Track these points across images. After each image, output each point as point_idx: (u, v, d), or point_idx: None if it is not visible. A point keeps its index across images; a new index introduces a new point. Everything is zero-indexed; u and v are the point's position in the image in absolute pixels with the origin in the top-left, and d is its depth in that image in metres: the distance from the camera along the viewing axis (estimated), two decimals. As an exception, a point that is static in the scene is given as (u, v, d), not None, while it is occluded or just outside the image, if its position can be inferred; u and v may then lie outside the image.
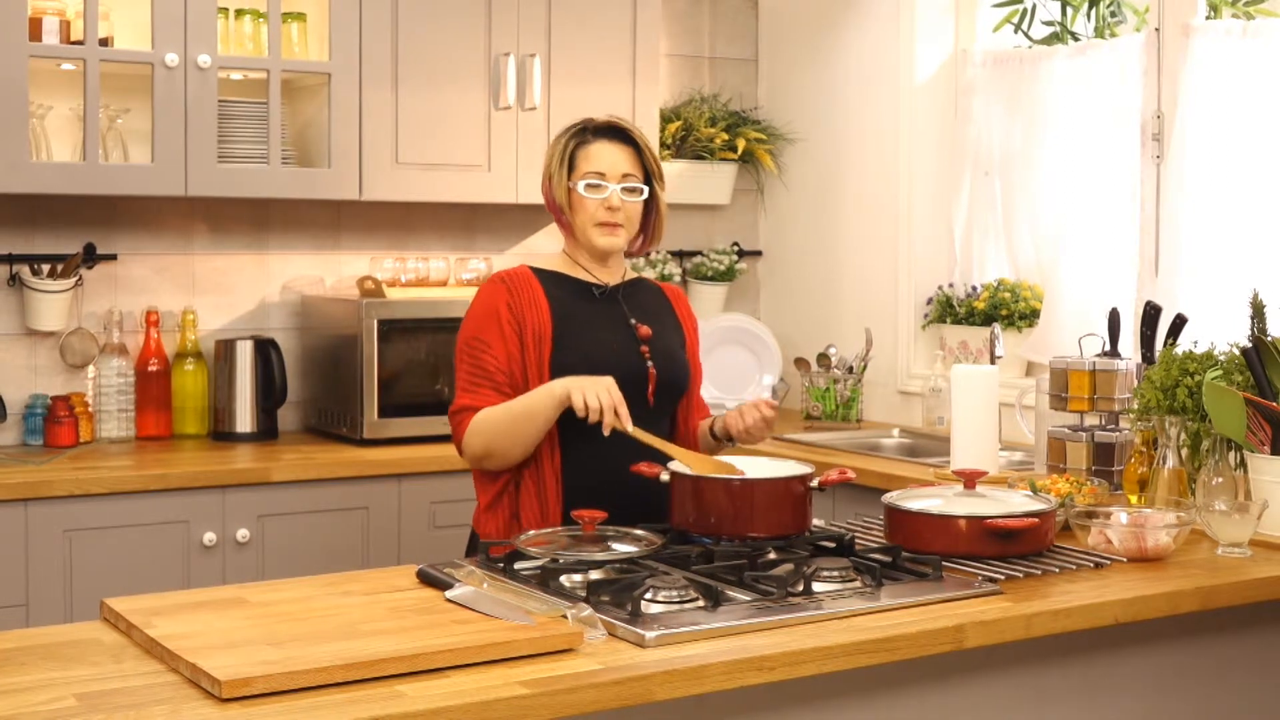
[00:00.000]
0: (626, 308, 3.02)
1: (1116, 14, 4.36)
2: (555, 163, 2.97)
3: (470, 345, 2.91)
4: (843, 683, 2.26)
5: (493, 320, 2.90)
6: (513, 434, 2.83)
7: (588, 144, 2.96)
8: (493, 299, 2.92)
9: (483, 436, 2.85)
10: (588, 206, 2.94)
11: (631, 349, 2.96)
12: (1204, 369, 3.05)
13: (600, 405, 2.74)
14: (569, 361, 2.89)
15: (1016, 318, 4.41)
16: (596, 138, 2.96)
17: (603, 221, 2.94)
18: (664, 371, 2.97)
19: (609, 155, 2.95)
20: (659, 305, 3.11)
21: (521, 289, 2.92)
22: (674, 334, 3.08)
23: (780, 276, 5.23)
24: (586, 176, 2.93)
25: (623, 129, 2.98)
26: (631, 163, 2.96)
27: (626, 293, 3.05)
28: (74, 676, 2.00)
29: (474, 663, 2.04)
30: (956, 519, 2.63)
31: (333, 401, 4.28)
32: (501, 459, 2.87)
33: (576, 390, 2.76)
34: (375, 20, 4.16)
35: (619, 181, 2.94)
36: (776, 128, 5.15)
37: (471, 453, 2.88)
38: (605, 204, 2.93)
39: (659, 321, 3.05)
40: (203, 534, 3.75)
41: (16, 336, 4.12)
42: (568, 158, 2.96)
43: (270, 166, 4.05)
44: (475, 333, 2.91)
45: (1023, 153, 4.47)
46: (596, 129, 2.97)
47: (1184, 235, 3.95)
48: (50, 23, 3.86)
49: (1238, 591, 2.57)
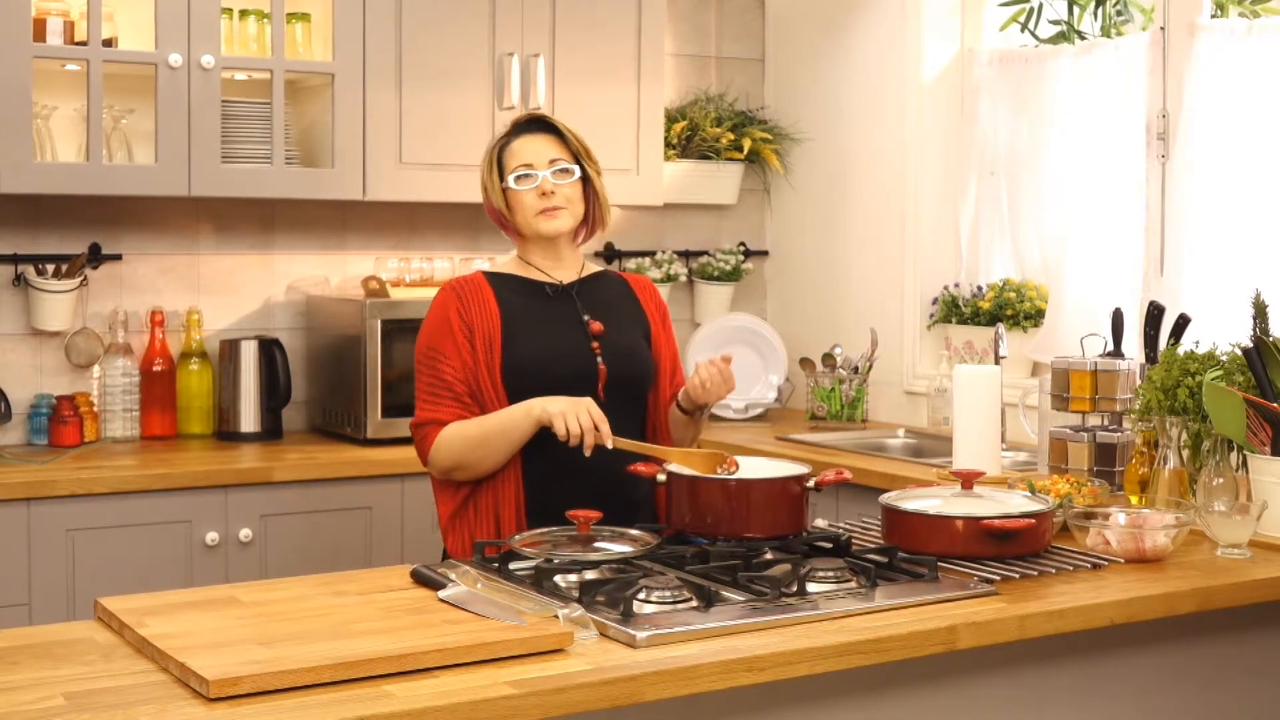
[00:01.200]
0: (580, 304, 3.00)
1: (1123, 13, 4.35)
2: (486, 173, 3.00)
3: (427, 356, 2.92)
4: (835, 683, 2.26)
5: (445, 330, 2.91)
6: (484, 450, 2.85)
7: (511, 142, 2.98)
8: (444, 309, 2.93)
9: (452, 451, 2.85)
10: (524, 199, 2.95)
11: (582, 346, 2.95)
12: (1205, 369, 3.04)
13: (581, 429, 2.75)
14: (518, 363, 2.89)
15: (1022, 318, 4.39)
16: (517, 134, 2.99)
17: (542, 209, 2.94)
18: (616, 367, 2.94)
19: (532, 146, 2.96)
20: (619, 298, 3.09)
21: (471, 295, 2.93)
22: (633, 326, 3.06)
23: (787, 276, 5.22)
24: (516, 170, 2.95)
25: (541, 118, 3.02)
26: (557, 148, 2.97)
27: (583, 289, 3.03)
28: (64, 676, 2.00)
29: (463, 663, 2.04)
30: (953, 520, 2.62)
31: (337, 402, 4.28)
32: (470, 472, 2.88)
33: (558, 417, 2.76)
34: (379, 20, 4.16)
35: (547, 167, 2.95)
36: (783, 128, 5.14)
37: (439, 466, 2.88)
38: (539, 190, 2.94)
39: (617, 315, 3.04)
40: (205, 534, 3.75)
41: (22, 336, 4.13)
42: (495, 163, 2.98)
43: (274, 166, 4.06)
44: (430, 344, 2.92)
45: (1029, 152, 4.45)
46: (517, 126, 3.01)
47: (1189, 235, 3.94)
48: (54, 23, 3.86)
49: (1236, 593, 2.56)
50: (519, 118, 3.03)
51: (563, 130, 3.00)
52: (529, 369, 2.88)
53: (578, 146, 2.99)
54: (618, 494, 2.80)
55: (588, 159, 3.00)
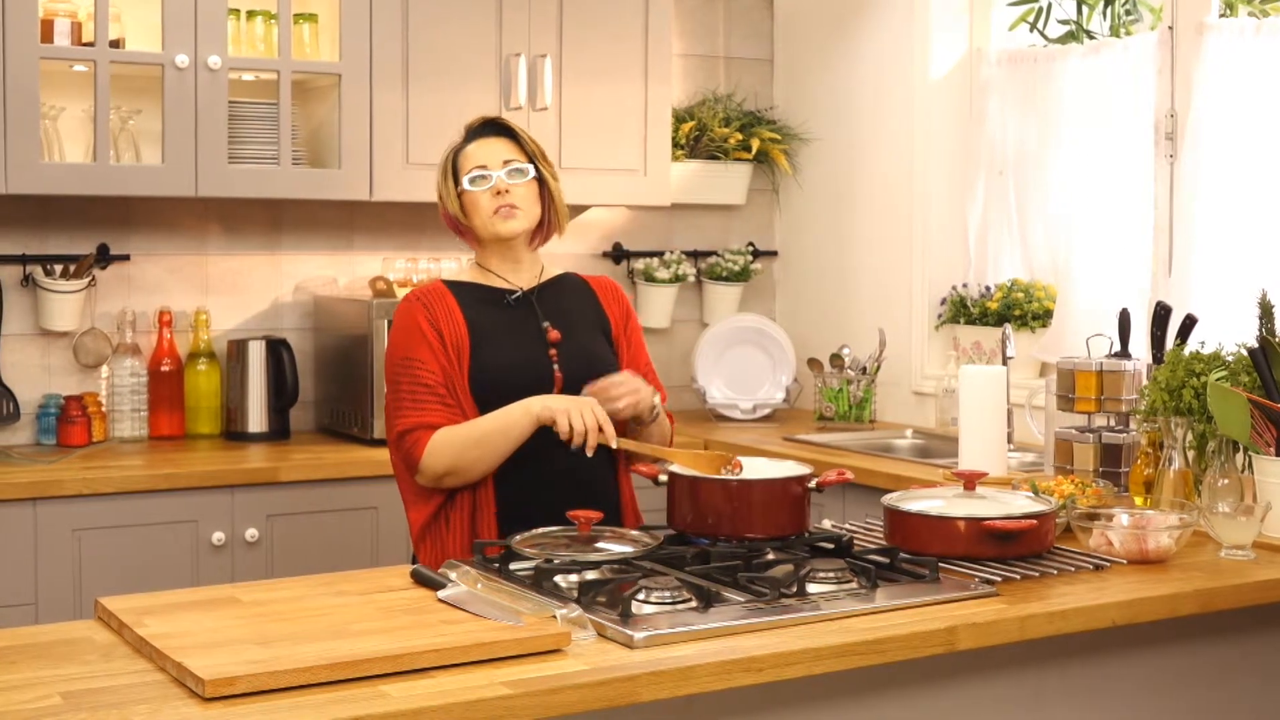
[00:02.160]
0: (540, 311, 2.99)
1: (1132, 12, 4.34)
2: (441, 179, 2.98)
3: (404, 365, 2.88)
4: (835, 684, 2.26)
5: (418, 337, 2.88)
6: (480, 451, 2.82)
7: (465, 147, 2.97)
8: (412, 317, 2.91)
9: (447, 455, 2.82)
10: (479, 201, 2.93)
11: (540, 354, 2.94)
12: (1210, 370, 3.03)
13: (585, 428, 2.74)
14: (483, 374, 2.88)
15: (1029, 318, 4.38)
16: (471, 139, 2.98)
17: (497, 208, 2.92)
18: (573, 374, 2.92)
19: (486, 149, 2.95)
20: (578, 301, 3.07)
21: (436, 304, 2.92)
22: (592, 330, 3.04)
23: (796, 277, 5.22)
24: (470, 173, 2.93)
25: (495, 121, 3.00)
26: (511, 150, 2.96)
27: (542, 294, 3.01)
28: (62, 675, 2.01)
29: (459, 663, 2.03)
30: (955, 520, 2.61)
31: (345, 402, 4.29)
32: (463, 477, 2.85)
33: (561, 414, 2.76)
34: (386, 21, 4.16)
35: (501, 167, 2.93)
36: (791, 127, 5.13)
37: (432, 472, 2.84)
38: (494, 190, 2.92)
39: (576, 319, 3.02)
40: (211, 533, 3.76)
41: (30, 337, 4.15)
42: (450, 168, 2.97)
43: (281, 167, 4.06)
44: (405, 353, 2.89)
45: (1037, 152, 4.44)
46: (470, 131, 2.99)
47: (1197, 235, 3.92)
48: (61, 24, 3.87)
49: (1238, 594, 2.55)
50: (472, 122, 3.02)
51: (517, 132, 2.99)
52: (493, 379, 2.87)
53: (533, 149, 2.98)
54: (593, 503, 2.77)
55: (543, 161, 2.99)
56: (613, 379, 2.89)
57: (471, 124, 3.02)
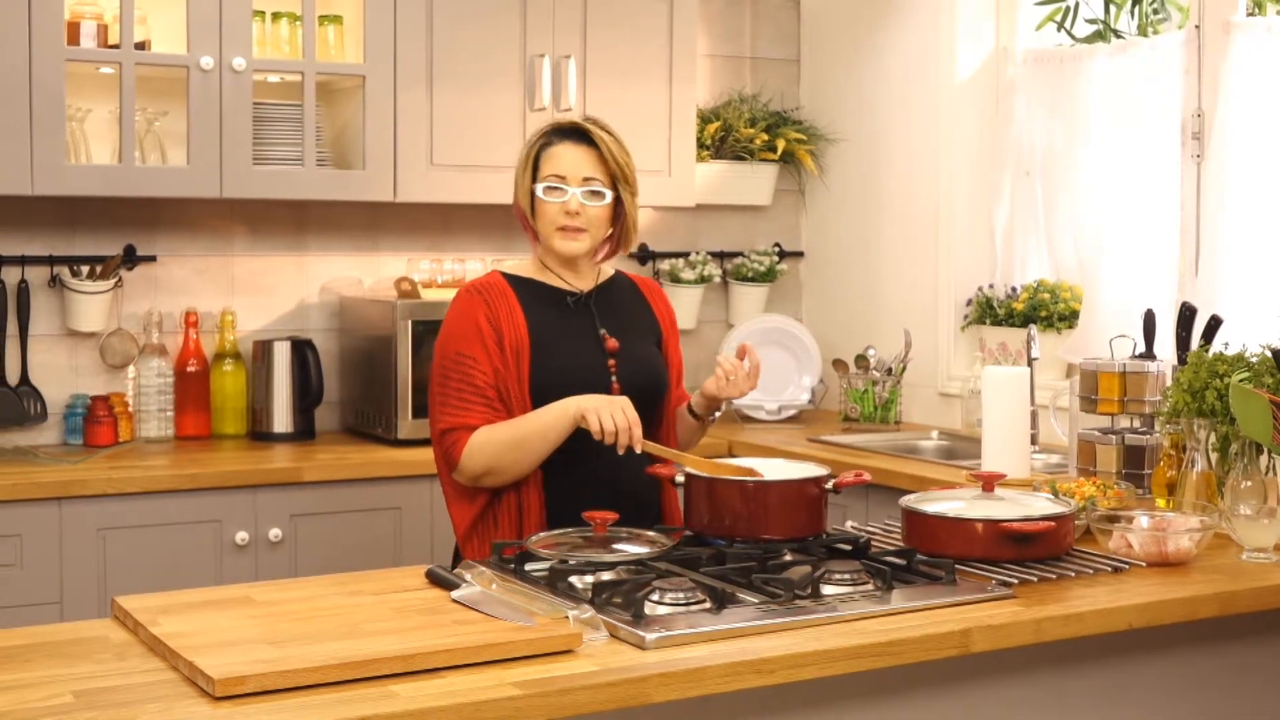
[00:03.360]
0: (597, 316, 2.97)
1: (1160, 11, 4.31)
2: (521, 167, 2.93)
3: (456, 361, 2.85)
4: (848, 686, 2.24)
5: (474, 334, 2.85)
6: (519, 452, 2.81)
7: (551, 146, 2.91)
8: (471, 312, 2.87)
9: (486, 456, 2.80)
10: (548, 211, 2.89)
11: (599, 362, 2.92)
12: (1234, 371, 3.00)
13: (616, 427, 2.71)
14: (544, 376, 2.87)
15: (1056, 319, 4.36)
16: (561, 140, 2.91)
17: (563, 226, 2.88)
18: (630, 381, 2.92)
19: (570, 157, 2.89)
20: (633, 306, 3.06)
21: (497, 300, 2.89)
22: (647, 336, 3.04)
23: (822, 277, 5.20)
24: (547, 179, 2.88)
25: (587, 130, 2.91)
26: (594, 165, 2.89)
27: (599, 299, 3.00)
28: (75, 674, 2.02)
29: (470, 663, 2.04)
30: (973, 522, 2.60)
31: (369, 402, 4.30)
32: (501, 477, 2.84)
33: (592, 413, 2.73)
34: (410, 22, 4.17)
35: (580, 185, 2.87)
36: (817, 128, 5.12)
37: (470, 472, 2.83)
38: (564, 208, 2.87)
39: (631, 325, 3.01)
40: (235, 533, 3.78)
41: (57, 337, 4.17)
42: (532, 161, 2.92)
43: (305, 168, 4.08)
44: (458, 348, 2.85)
45: (1064, 153, 4.41)
46: (561, 130, 2.92)
47: (1224, 236, 3.89)
48: (88, 27, 3.90)
49: (1258, 598, 2.53)
50: (565, 121, 2.94)
51: (604, 148, 2.89)
52: (555, 382, 2.85)
53: (616, 168, 2.89)
54: (635, 507, 2.76)
55: (624, 182, 2.91)
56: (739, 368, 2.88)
57: (564, 123, 2.94)
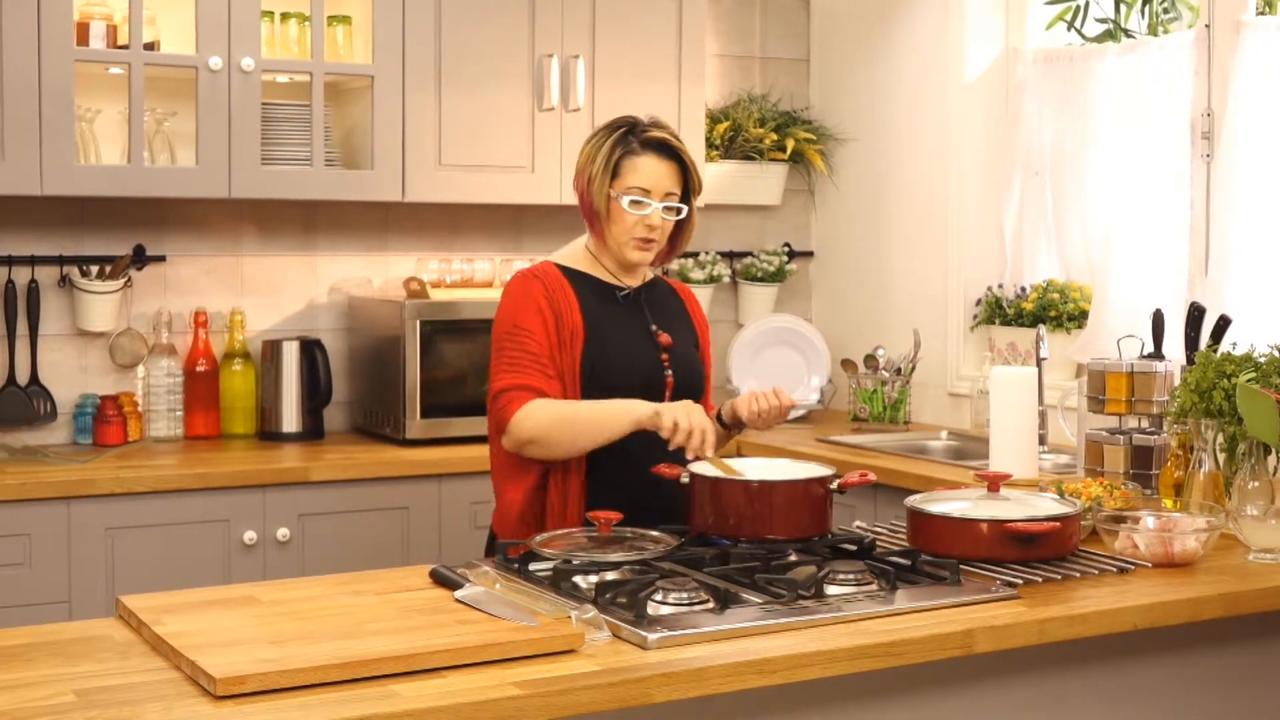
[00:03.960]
0: (649, 313, 3.01)
1: (1170, 10, 4.30)
2: (599, 167, 2.91)
3: (511, 333, 2.87)
4: (851, 687, 2.24)
5: (533, 309, 2.87)
6: (569, 432, 2.80)
7: (635, 155, 2.91)
8: (530, 290, 2.90)
9: (536, 425, 2.79)
10: (627, 221, 2.91)
11: (652, 356, 2.96)
12: (1241, 371, 2.99)
13: (691, 429, 2.70)
14: (598, 364, 2.89)
15: (1065, 319, 4.35)
16: (645, 151, 2.91)
17: (638, 238, 2.92)
18: (681, 379, 2.96)
19: (655, 171, 2.90)
20: (675, 308, 3.10)
21: (554, 286, 2.91)
22: (690, 337, 3.08)
23: (832, 277, 5.20)
24: (630, 191, 2.89)
25: (673, 146, 2.93)
26: (675, 180, 2.93)
27: (647, 296, 3.04)
28: (78, 673, 2.02)
29: (472, 663, 2.04)
30: (978, 523, 2.59)
31: (377, 402, 4.30)
32: (546, 450, 2.82)
33: (668, 412, 2.72)
34: (418, 22, 4.17)
35: (661, 200, 2.91)
36: (827, 128, 5.11)
37: (517, 436, 2.82)
38: (645, 221, 2.91)
39: (676, 325, 3.05)
40: (243, 533, 3.78)
41: (67, 337, 4.18)
42: (612, 165, 2.91)
43: (313, 168, 4.08)
44: (515, 320, 2.88)
45: (1074, 152, 4.40)
46: (645, 141, 2.92)
47: (1234, 235, 3.88)
48: (97, 27, 3.90)
49: (1264, 598, 2.52)
50: (653, 134, 2.92)
51: (688, 164, 2.94)
52: (611, 372, 2.88)
53: (694, 183, 2.95)
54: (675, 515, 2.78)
55: (696, 194, 2.97)
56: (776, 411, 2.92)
57: (652, 135, 2.92)
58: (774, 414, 2.92)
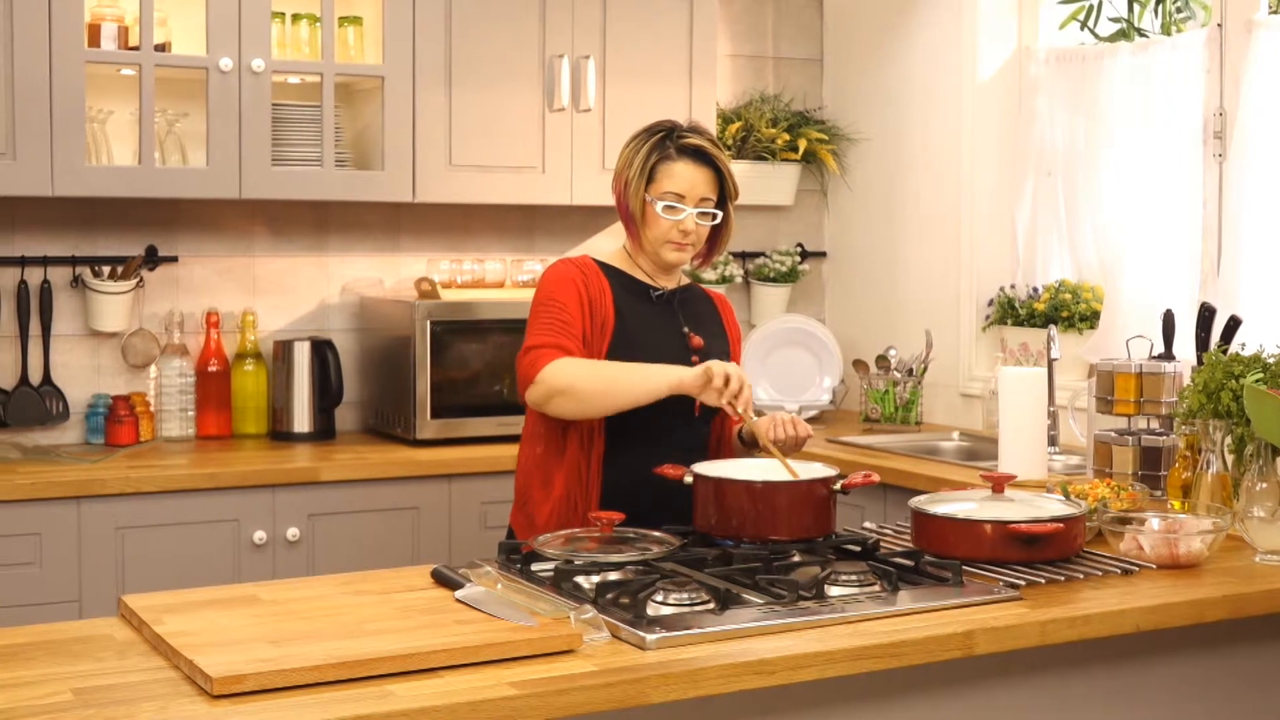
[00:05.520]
0: (681, 316, 3.03)
1: (1183, 10, 4.28)
2: (635, 171, 2.94)
3: (546, 303, 2.91)
4: (850, 688, 2.24)
5: (570, 288, 2.91)
6: (605, 385, 2.82)
7: (670, 161, 2.93)
8: (569, 275, 2.94)
9: (568, 376, 2.81)
10: (662, 225, 2.94)
11: (683, 358, 2.97)
12: (1249, 372, 2.97)
13: (741, 385, 2.74)
14: (625, 357, 2.91)
15: (1077, 319, 4.33)
16: (680, 156, 2.93)
17: (673, 242, 2.94)
18: None
19: (690, 177, 2.93)
20: (709, 314, 3.12)
21: (591, 278, 2.96)
22: (721, 344, 3.10)
23: (845, 278, 5.19)
24: (665, 197, 2.92)
25: (708, 152, 2.95)
26: (710, 186, 2.95)
27: (681, 300, 3.06)
28: (76, 672, 2.03)
29: (469, 663, 2.04)
30: (981, 524, 2.58)
31: (389, 402, 4.31)
32: (576, 405, 2.83)
33: (718, 367, 2.75)
34: (429, 23, 4.18)
35: (696, 205, 2.93)
36: (839, 128, 5.10)
37: (546, 385, 2.82)
38: (680, 226, 2.93)
39: (709, 332, 3.07)
40: (253, 532, 3.79)
41: (79, 337, 4.20)
42: (648, 170, 2.94)
43: (324, 169, 4.09)
44: (552, 294, 2.92)
45: (1086, 152, 4.39)
46: (681, 147, 2.94)
47: (1246, 235, 3.86)
48: (108, 29, 3.92)
49: (1270, 600, 2.51)
50: (689, 140, 2.95)
51: (723, 170, 2.96)
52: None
53: (729, 188, 2.97)
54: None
55: (733, 198, 2.99)
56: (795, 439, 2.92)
57: (688, 141, 2.94)
58: (790, 444, 2.93)
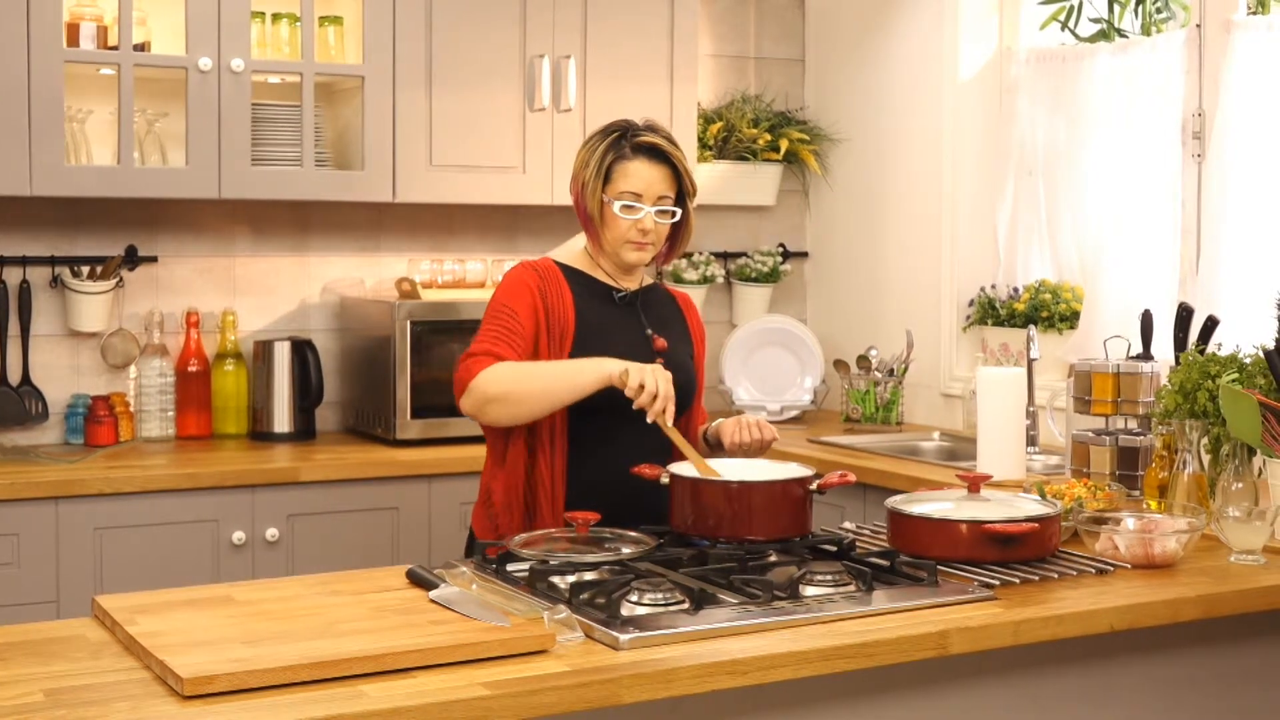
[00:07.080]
0: (644, 317, 3.02)
1: (1163, 10, 4.29)
2: (592, 172, 2.93)
3: (498, 311, 2.89)
4: (823, 688, 2.24)
5: (525, 296, 2.89)
6: (538, 384, 2.80)
7: (626, 160, 2.91)
8: (525, 281, 2.92)
9: (500, 383, 2.79)
10: (620, 225, 2.92)
11: (646, 359, 2.93)
12: (1225, 372, 2.98)
13: (656, 393, 2.71)
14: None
15: (1057, 319, 4.34)
16: (636, 155, 2.91)
17: (632, 241, 2.93)
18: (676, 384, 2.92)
19: (646, 175, 2.91)
20: (672, 314, 3.11)
21: (550, 282, 2.93)
22: (684, 344, 3.08)
23: (826, 278, 5.19)
24: (622, 196, 2.90)
25: (663, 149, 2.93)
26: (667, 183, 2.93)
27: (644, 300, 3.04)
28: (49, 672, 2.02)
29: (442, 663, 2.04)
30: (957, 524, 2.59)
31: (369, 402, 4.31)
32: (512, 410, 2.81)
33: (635, 370, 2.73)
34: (409, 23, 4.18)
35: (654, 204, 2.91)
36: (821, 128, 5.11)
37: (481, 393, 2.80)
38: (638, 225, 2.91)
39: (672, 332, 3.06)
40: (232, 533, 3.78)
41: (59, 337, 4.19)
42: (604, 170, 2.92)
43: (304, 169, 4.09)
44: (505, 301, 2.90)
45: (1066, 152, 4.40)
46: (636, 146, 2.92)
47: (1224, 236, 3.87)
48: (87, 28, 3.91)
49: (1244, 600, 2.51)
50: (644, 138, 2.92)
51: (680, 167, 2.94)
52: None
53: (687, 185, 2.96)
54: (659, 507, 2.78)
55: (691, 196, 2.97)
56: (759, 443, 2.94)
57: (642, 139, 2.92)
58: (755, 447, 2.93)
